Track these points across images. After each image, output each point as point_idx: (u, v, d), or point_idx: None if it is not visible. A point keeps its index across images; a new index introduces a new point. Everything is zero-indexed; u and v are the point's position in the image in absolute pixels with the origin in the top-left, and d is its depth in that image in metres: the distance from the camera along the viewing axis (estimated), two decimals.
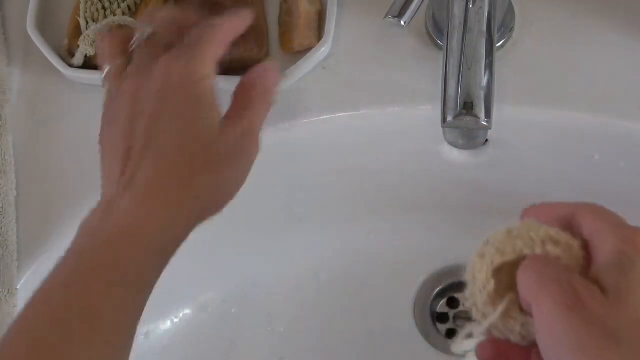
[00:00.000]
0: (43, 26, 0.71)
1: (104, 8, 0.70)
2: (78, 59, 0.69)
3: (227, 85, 0.70)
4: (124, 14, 0.70)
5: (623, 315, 0.38)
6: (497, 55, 0.66)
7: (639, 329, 0.37)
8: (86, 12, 0.70)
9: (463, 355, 0.46)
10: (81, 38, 0.69)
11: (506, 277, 0.44)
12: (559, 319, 0.38)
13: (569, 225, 0.44)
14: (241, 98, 0.56)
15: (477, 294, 0.44)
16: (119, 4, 0.70)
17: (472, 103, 0.62)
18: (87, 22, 0.70)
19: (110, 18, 0.69)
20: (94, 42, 0.68)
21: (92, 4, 0.70)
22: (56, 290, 0.48)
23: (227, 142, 0.53)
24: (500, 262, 0.43)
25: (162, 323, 0.76)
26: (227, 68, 0.70)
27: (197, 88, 0.53)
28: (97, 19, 0.69)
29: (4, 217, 0.66)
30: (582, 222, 0.43)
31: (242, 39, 0.70)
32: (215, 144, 0.52)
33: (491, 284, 0.43)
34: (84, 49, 0.69)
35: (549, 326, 0.39)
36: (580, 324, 0.38)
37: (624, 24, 0.69)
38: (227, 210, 0.74)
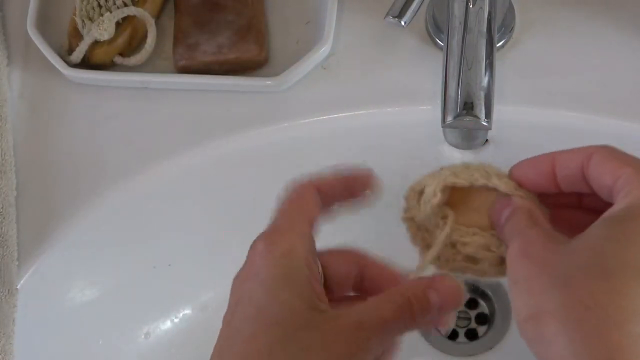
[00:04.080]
0: (43, 26, 0.71)
1: (99, 6, 0.70)
2: (77, 55, 0.69)
3: (226, 86, 0.70)
4: (118, 8, 0.70)
5: (573, 261, 0.39)
6: (497, 55, 0.66)
7: (584, 273, 0.38)
8: (82, 10, 0.70)
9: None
10: (95, 23, 0.69)
11: (455, 200, 0.46)
12: (516, 264, 0.41)
13: (579, 179, 0.43)
14: (373, 281, 0.46)
15: (423, 205, 0.46)
16: (114, 0, 0.70)
17: (472, 103, 0.62)
18: (83, 21, 0.70)
19: (123, 9, 0.69)
20: (107, 28, 0.69)
21: (88, 2, 0.70)
22: None
23: (320, 331, 0.41)
24: (452, 182, 0.45)
25: (162, 323, 0.76)
26: (227, 69, 0.71)
27: (281, 263, 0.43)
28: (93, 17, 0.69)
29: (4, 217, 0.66)
30: (602, 169, 0.42)
31: (241, 40, 0.70)
32: (300, 332, 0.41)
33: (437, 197, 0.45)
34: (98, 32, 0.68)
35: (510, 269, 0.41)
36: (530, 269, 0.40)
37: (624, 24, 0.69)
38: (227, 210, 0.74)
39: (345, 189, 0.48)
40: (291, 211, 0.46)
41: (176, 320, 0.77)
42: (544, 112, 0.68)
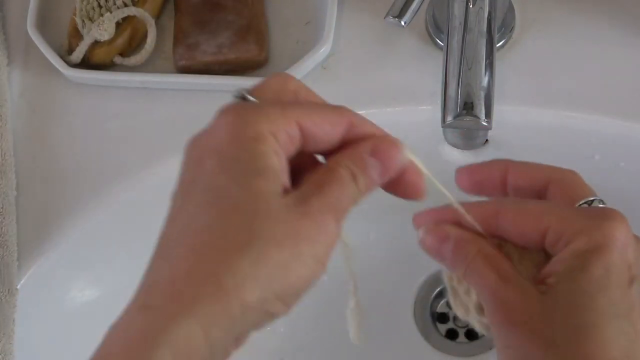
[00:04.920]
0: (43, 26, 0.71)
1: (99, 6, 0.70)
2: (77, 55, 0.69)
3: (226, 86, 0.70)
4: (119, 9, 0.70)
5: (557, 323, 0.40)
6: (497, 55, 0.66)
7: (571, 338, 0.39)
8: (82, 10, 0.70)
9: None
10: (95, 24, 0.69)
11: None
12: (504, 332, 0.41)
13: (491, 222, 0.43)
14: (324, 171, 0.41)
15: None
16: (114, 0, 0.70)
17: (472, 103, 0.62)
18: (83, 21, 0.70)
19: (123, 9, 0.69)
20: (107, 28, 0.69)
21: (88, 2, 0.70)
22: None
23: (280, 218, 0.38)
24: None
25: None
26: (227, 69, 0.71)
27: (248, 146, 0.39)
28: (93, 17, 0.69)
29: (4, 217, 0.66)
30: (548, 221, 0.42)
31: (241, 40, 0.70)
32: (264, 218, 0.38)
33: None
34: (98, 33, 0.68)
35: (498, 336, 0.42)
36: (521, 337, 0.40)
37: (624, 24, 0.69)
38: None
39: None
40: (279, 98, 0.41)
41: None
42: (544, 112, 0.68)
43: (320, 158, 0.43)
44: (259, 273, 0.37)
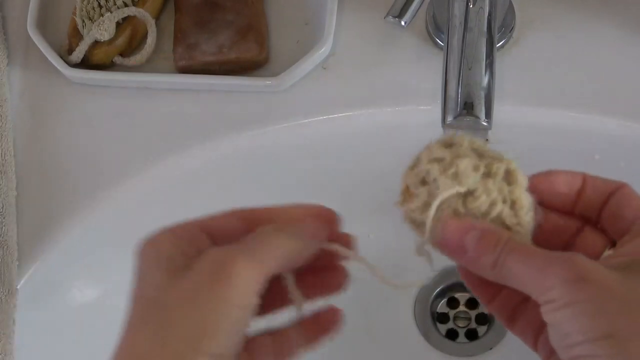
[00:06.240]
0: (43, 26, 0.71)
1: (100, 6, 0.70)
2: (77, 55, 0.69)
3: (226, 86, 0.70)
4: (119, 9, 0.70)
5: (633, 287, 0.39)
6: (498, 55, 0.66)
7: None
8: (82, 10, 0.70)
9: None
10: (95, 24, 0.69)
11: None
12: (572, 292, 0.39)
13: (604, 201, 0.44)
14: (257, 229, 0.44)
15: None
16: (114, 0, 0.70)
17: (472, 103, 0.62)
18: (83, 21, 0.70)
19: (123, 9, 0.69)
20: (107, 28, 0.69)
21: (88, 2, 0.70)
22: None
23: (174, 291, 0.41)
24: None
25: None
26: (227, 69, 0.71)
27: (148, 252, 0.45)
28: (93, 17, 0.70)
29: (4, 217, 0.66)
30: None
31: (242, 39, 0.70)
32: (163, 296, 0.42)
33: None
34: (98, 33, 0.69)
35: (565, 292, 0.39)
36: (596, 292, 0.39)
37: (624, 24, 0.70)
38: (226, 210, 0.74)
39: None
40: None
41: None
42: (544, 112, 0.68)
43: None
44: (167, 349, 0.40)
